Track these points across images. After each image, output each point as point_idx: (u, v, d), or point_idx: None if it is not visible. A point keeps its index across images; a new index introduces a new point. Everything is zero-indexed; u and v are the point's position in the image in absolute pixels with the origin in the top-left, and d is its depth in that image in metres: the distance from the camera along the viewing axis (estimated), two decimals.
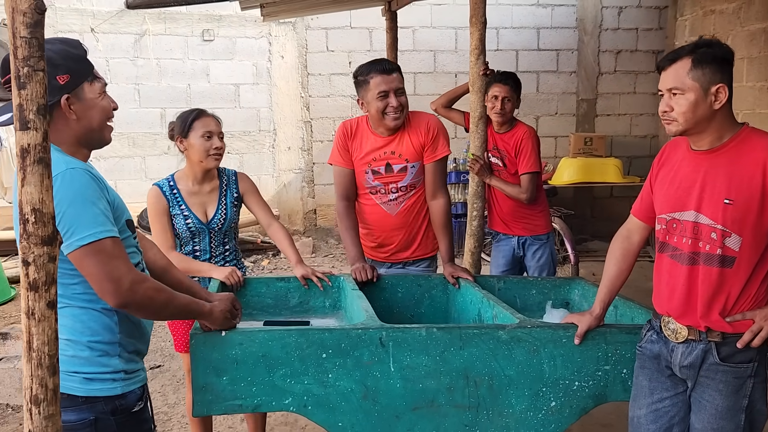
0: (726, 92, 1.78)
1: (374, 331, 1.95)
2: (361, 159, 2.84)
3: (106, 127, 1.66)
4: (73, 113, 1.57)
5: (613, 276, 2.11)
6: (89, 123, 1.61)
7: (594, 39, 7.68)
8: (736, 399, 1.84)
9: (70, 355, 1.58)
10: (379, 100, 2.70)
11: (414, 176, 2.83)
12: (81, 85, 1.58)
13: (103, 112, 1.63)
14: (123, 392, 1.62)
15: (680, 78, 1.78)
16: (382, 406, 1.96)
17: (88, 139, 1.63)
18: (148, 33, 7.08)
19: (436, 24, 7.49)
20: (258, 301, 2.63)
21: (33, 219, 1.08)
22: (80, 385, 1.58)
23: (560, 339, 2.02)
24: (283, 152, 7.58)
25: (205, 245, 2.71)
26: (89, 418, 1.58)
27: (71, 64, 1.56)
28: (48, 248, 1.10)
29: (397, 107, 2.70)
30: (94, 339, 1.60)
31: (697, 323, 1.85)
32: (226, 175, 2.79)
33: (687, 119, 1.79)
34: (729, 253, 1.80)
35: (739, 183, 1.78)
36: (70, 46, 1.59)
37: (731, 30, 6.31)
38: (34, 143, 1.06)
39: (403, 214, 2.87)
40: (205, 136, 2.64)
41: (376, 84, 2.70)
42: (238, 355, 1.88)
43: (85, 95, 1.59)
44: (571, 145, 7.16)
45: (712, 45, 1.81)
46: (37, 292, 1.09)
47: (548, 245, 3.73)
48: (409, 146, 2.80)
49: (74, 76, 1.56)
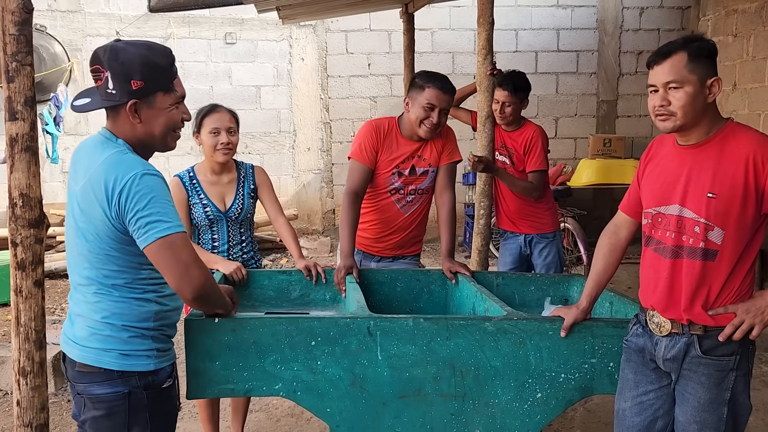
0: (720, 85, 1.80)
1: (362, 321, 2.01)
2: (390, 161, 2.91)
3: (170, 135, 1.72)
4: (137, 118, 1.63)
5: (600, 270, 2.14)
6: (151, 130, 1.67)
7: (615, 40, 7.64)
8: (719, 392, 1.85)
9: (106, 334, 1.67)
10: (424, 110, 2.79)
11: (432, 180, 2.97)
12: (154, 94, 1.64)
13: (168, 122, 1.68)
14: (156, 368, 1.72)
15: (679, 71, 1.78)
16: (369, 393, 2.02)
17: (148, 143, 1.70)
18: (173, 36, 7.26)
19: (455, 26, 7.53)
20: (260, 293, 2.71)
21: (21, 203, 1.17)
22: (116, 360, 1.67)
23: (546, 331, 2.05)
24: (302, 153, 7.70)
25: (223, 234, 2.82)
26: (123, 392, 1.67)
27: (149, 72, 1.61)
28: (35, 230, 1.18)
29: (435, 125, 2.81)
30: (130, 324, 1.69)
31: (680, 316, 1.87)
32: (243, 168, 2.90)
33: (686, 113, 1.78)
34: (711, 246, 1.82)
35: (722, 177, 1.79)
36: (154, 53, 1.65)
37: (753, 29, 6.22)
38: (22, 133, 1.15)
39: (413, 216, 3.00)
40: (212, 133, 2.74)
41: (428, 95, 2.78)
42: (230, 341, 1.96)
43: (156, 104, 1.65)
44: (590, 146, 7.13)
45: (703, 39, 1.83)
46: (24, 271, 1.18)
47: (555, 243, 3.75)
48: (434, 152, 2.94)
49: (149, 84, 1.61)
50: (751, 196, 1.78)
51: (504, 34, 7.36)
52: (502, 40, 7.32)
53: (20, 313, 1.20)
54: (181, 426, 3.34)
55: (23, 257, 1.19)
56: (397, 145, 2.90)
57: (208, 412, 2.88)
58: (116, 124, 1.65)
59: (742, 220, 1.79)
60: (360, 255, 3.07)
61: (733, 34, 6.55)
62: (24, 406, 1.22)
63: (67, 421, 3.36)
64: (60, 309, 5.30)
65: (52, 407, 3.40)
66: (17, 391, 1.22)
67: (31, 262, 1.20)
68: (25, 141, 1.16)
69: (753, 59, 6.26)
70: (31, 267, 1.20)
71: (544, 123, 7.47)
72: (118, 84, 1.57)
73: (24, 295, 1.19)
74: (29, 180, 1.17)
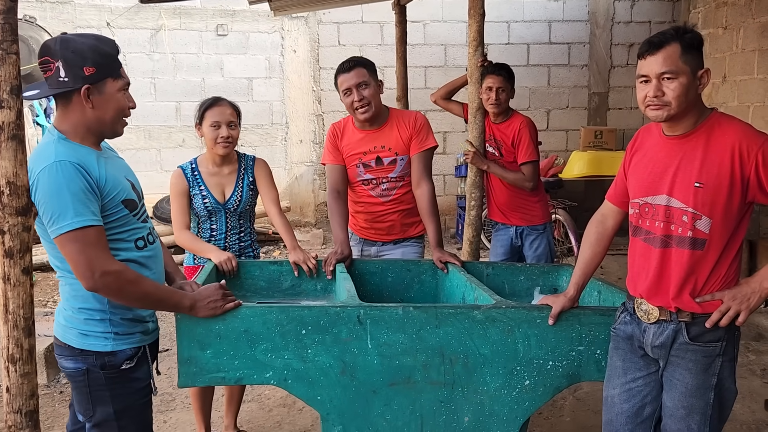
0: (709, 76, 1.82)
1: (352, 309, 2.02)
2: (351, 154, 2.96)
3: (119, 122, 1.81)
4: (90, 103, 1.72)
5: (587, 259, 2.16)
6: (103, 115, 1.75)
7: (606, 32, 7.66)
8: (705, 377, 1.87)
9: (68, 314, 1.78)
10: (345, 96, 2.84)
11: (403, 168, 2.96)
12: (104, 80, 1.73)
13: (118, 108, 1.78)
14: (113, 350, 1.79)
15: (674, 62, 1.78)
16: (359, 381, 2.03)
17: (99, 128, 1.78)
18: (164, 28, 7.23)
19: (447, 18, 7.52)
20: (251, 283, 2.72)
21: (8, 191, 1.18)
22: (76, 338, 1.77)
23: (534, 319, 2.07)
24: (295, 145, 7.69)
25: (221, 224, 2.85)
26: (82, 368, 1.77)
27: (99, 59, 1.71)
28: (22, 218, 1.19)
29: (360, 100, 2.81)
30: (84, 306, 1.77)
31: (668, 304, 1.89)
32: (245, 160, 2.92)
33: (680, 103, 1.80)
34: (699, 235, 1.84)
35: (709, 167, 1.81)
36: (102, 43, 1.76)
37: (743, 22, 6.25)
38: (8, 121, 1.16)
39: (395, 201, 3.00)
40: (213, 126, 2.77)
41: (340, 83, 2.86)
42: (221, 329, 1.97)
43: (106, 90, 1.74)
44: (581, 138, 7.16)
45: (692, 31, 1.85)
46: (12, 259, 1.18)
47: (545, 235, 3.77)
48: (398, 140, 2.92)
49: (100, 70, 1.71)
50: (737, 185, 1.80)
51: (496, 26, 7.36)
52: (494, 32, 7.32)
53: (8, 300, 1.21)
54: (174, 416, 3.36)
55: (11, 245, 1.20)
56: (354, 137, 2.96)
57: (200, 402, 2.89)
58: (66, 112, 1.74)
59: (728, 208, 1.82)
60: (360, 243, 3.10)
61: (723, 27, 6.57)
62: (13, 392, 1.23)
63: (59, 412, 3.37)
64: (52, 301, 5.29)
65: (44, 398, 3.40)
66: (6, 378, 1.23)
67: (19, 249, 1.21)
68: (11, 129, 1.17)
69: (742, 51, 6.29)
70: (19, 255, 1.21)
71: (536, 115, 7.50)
72: (71, 71, 1.66)
73: (12, 283, 1.20)
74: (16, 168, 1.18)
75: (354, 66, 2.83)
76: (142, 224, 1.88)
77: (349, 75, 2.82)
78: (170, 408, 3.46)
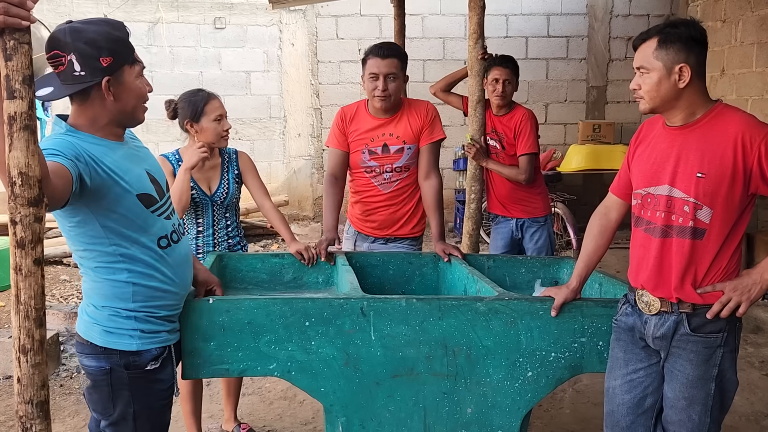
0: (689, 71, 1.82)
1: (356, 301, 2.03)
2: (358, 139, 2.93)
3: (140, 108, 1.74)
4: (111, 95, 1.63)
5: (590, 251, 2.17)
6: (125, 105, 1.68)
7: (604, 25, 7.66)
8: (707, 368, 1.89)
9: (92, 310, 1.71)
10: (370, 81, 2.81)
11: (410, 158, 2.92)
12: (122, 68, 1.64)
13: (139, 94, 1.70)
14: (138, 349, 1.71)
15: (646, 57, 1.85)
16: (362, 372, 2.04)
17: (122, 118, 1.71)
18: (161, 21, 7.20)
19: (445, 11, 7.52)
20: (253, 276, 2.73)
21: (20, 182, 1.18)
22: (99, 336, 1.70)
23: (537, 311, 2.09)
24: (293, 139, 7.68)
25: (208, 217, 2.82)
26: (105, 368, 1.70)
27: (114, 47, 1.61)
28: (34, 209, 1.19)
29: (384, 91, 2.79)
30: (109, 304, 1.71)
31: (669, 295, 1.91)
32: (226, 153, 2.89)
33: (652, 97, 1.86)
34: (700, 225, 1.85)
35: (711, 157, 1.83)
36: (113, 28, 1.65)
37: (741, 15, 6.27)
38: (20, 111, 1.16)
39: (394, 192, 2.97)
40: (217, 120, 2.75)
41: (369, 65, 2.81)
42: (225, 321, 1.98)
43: (125, 78, 1.65)
44: (579, 132, 7.17)
45: (680, 25, 1.86)
46: (24, 250, 1.19)
47: (546, 228, 3.78)
48: (408, 129, 2.90)
49: (116, 59, 1.61)
50: (739, 175, 1.81)
51: (494, 19, 7.36)
52: (493, 26, 7.32)
53: (20, 291, 1.21)
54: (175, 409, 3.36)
55: (23, 236, 1.20)
56: (365, 123, 2.92)
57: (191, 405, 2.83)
58: (83, 108, 1.64)
59: (729, 199, 1.83)
60: (354, 236, 3.10)
61: (722, 20, 6.59)
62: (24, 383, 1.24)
63: (60, 405, 3.38)
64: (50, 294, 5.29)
65: None
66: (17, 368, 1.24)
67: (31, 240, 1.21)
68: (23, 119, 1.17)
69: (741, 45, 6.31)
70: (31, 245, 1.21)
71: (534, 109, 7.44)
72: (87, 64, 1.56)
73: (24, 274, 1.20)
74: (28, 159, 1.18)
75: (390, 55, 2.79)
76: (165, 221, 1.79)
77: (382, 62, 2.78)
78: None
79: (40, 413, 1.25)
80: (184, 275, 1.88)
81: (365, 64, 2.83)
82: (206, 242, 2.80)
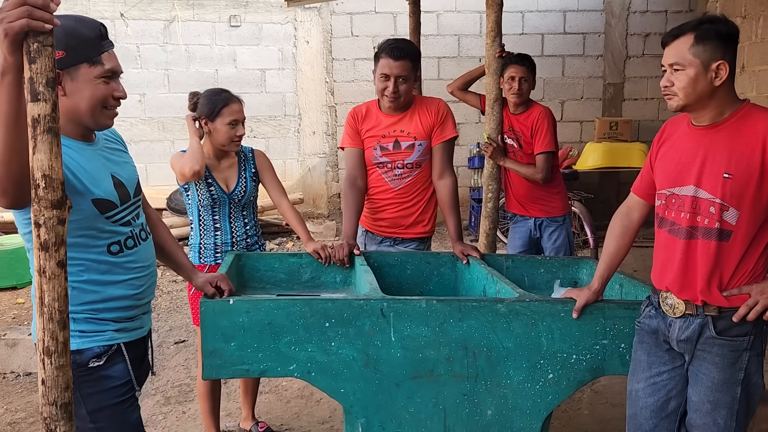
0: (726, 69, 1.80)
1: (376, 302, 2.02)
2: (370, 136, 2.93)
3: (99, 113, 1.66)
4: (61, 90, 1.58)
5: (612, 252, 2.14)
6: (76, 104, 1.62)
7: (622, 22, 7.58)
8: (732, 372, 1.86)
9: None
10: (381, 80, 2.80)
11: (421, 154, 2.90)
12: (78, 65, 1.60)
13: (92, 96, 1.63)
14: (78, 348, 1.67)
15: (681, 53, 1.81)
16: (382, 374, 2.04)
17: (77, 118, 1.65)
18: (177, 19, 7.23)
19: (461, 8, 7.48)
20: (271, 275, 2.73)
21: (43, 184, 1.18)
22: None
23: (558, 313, 2.07)
24: (308, 137, 7.69)
25: (224, 215, 2.81)
26: None
27: (72, 42, 1.58)
28: (57, 211, 1.19)
29: (394, 92, 2.79)
30: None
31: (694, 297, 1.88)
32: (243, 152, 2.89)
33: (687, 94, 1.82)
34: (726, 226, 1.82)
35: (739, 157, 1.80)
36: (82, 25, 1.62)
37: (762, 11, 6.18)
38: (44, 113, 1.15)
39: (403, 189, 2.94)
40: (230, 124, 2.74)
41: (381, 65, 2.80)
42: (245, 322, 1.98)
43: (79, 76, 1.60)
44: (596, 129, 7.11)
45: (716, 21, 1.83)
46: (48, 252, 1.19)
47: (565, 227, 3.75)
48: (419, 126, 2.88)
49: (71, 55, 1.58)
50: (766, 176, 1.78)
51: (510, 16, 7.30)
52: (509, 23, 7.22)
53: (44, 293, 1.21)
54: (192, 407, 3.38)
55: (46, 238, 1.19)
56: (377, 120, 2.92)
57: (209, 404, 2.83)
58: None
59: (757, 200, 1.80)
60: (364, 235, 3.08)
61: (742, 16, 6.49)
62: (49, 385, 1.23)
63: None
64: None
65: None
66: (42, 370, 1.24)
67: (54, 242, 1.20)
68: (47, 122, 1.16)
69: (762, 41, 6.22)
70: (54, 248, 1.20)
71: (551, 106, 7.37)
72: None
73: (47, 276, 1.20)
74: (51, 161, 1.17)
75: (402, 57, 2.76)
76: (120, 227, 1.73)
77: (394, 63, 2.76)
78: (188, 399, 3.49)
79: (65, 415, 1.25)
80: (140, 281, 1.81)
81: (377, 60, 2.82)
82: (224, 241, 2.80)
